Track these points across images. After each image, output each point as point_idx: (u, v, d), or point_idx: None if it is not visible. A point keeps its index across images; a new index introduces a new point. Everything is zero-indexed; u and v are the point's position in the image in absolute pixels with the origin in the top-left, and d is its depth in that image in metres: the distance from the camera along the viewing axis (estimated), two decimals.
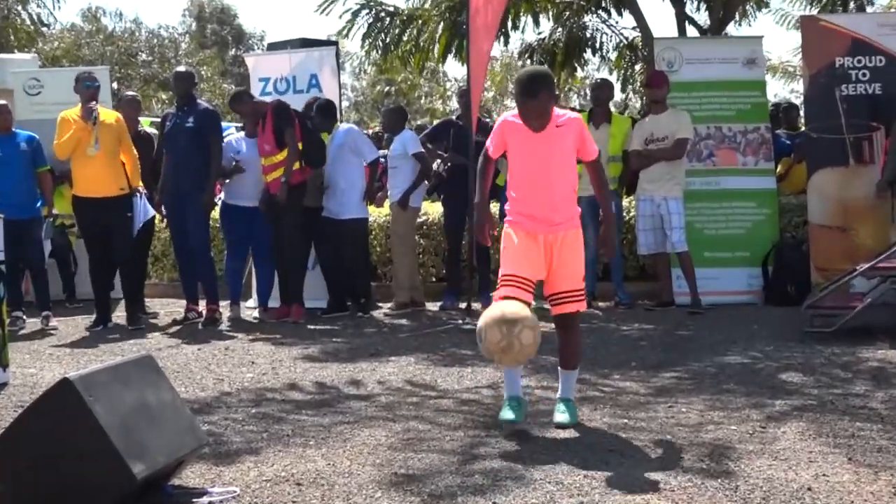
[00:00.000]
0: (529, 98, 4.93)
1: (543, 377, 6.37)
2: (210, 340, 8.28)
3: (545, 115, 4.96)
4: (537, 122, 4.95)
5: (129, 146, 9.08)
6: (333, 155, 9.68)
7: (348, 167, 9.66)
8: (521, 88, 5.00)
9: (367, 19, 13.43)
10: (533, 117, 4.95)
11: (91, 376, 3.85)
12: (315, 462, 4.47)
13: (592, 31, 14.68)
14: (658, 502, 3.81)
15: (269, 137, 9.16)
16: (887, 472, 4.09)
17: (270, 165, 9.18)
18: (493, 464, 4.38)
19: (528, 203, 5.09)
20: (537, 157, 5.05)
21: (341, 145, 9.70)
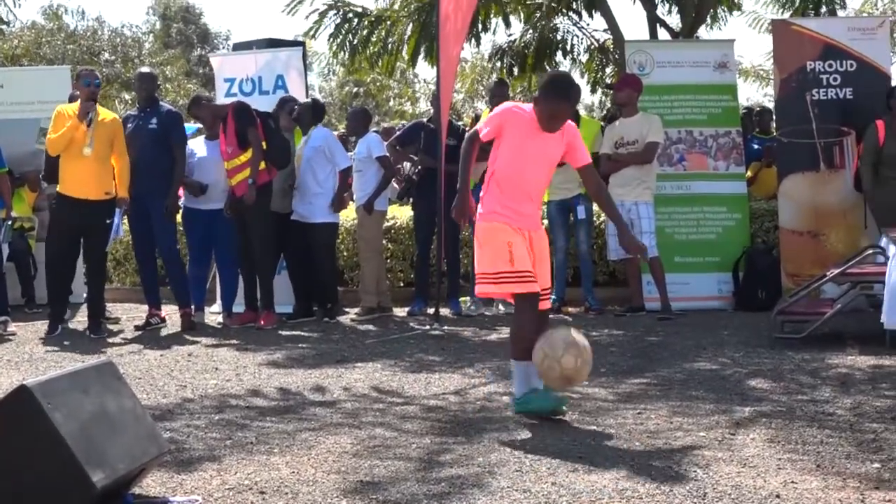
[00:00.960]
0: (565, 101, 5.20)
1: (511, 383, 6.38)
2: (173, 346, 8.26)
3: (567, 119, 5.28)
4: (558, 125, 5.20)
5: (123, 149, 8.96)
6: (308, 157, 9.67)
7: (321, 171, 9.64)
8: (558, 91, 5.21)
9: (335, 20, 13.46)
10: (559, 120, 5.19)
11: (50, 383, 3.82)
12: (279, 470, 4.47)
13: (563, 34, 14.78)
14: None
15: (232, 139, 9.13)
16: (855, 479, 4.14)
17: (234, 168, 9.15)
18: (459, 471, 4.39)
19: (518, 199, 5.27)
20: (535, 155, 5.25)
21: (317, 148, 9.67)
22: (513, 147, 5.24)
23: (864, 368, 6.66)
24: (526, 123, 5.22)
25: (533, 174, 5.31)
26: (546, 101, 5.19)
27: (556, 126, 5.20)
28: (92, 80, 8.95)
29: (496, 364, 7.09)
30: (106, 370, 4.20)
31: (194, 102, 9.77)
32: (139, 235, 9.43)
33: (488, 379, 6.61)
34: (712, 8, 13.89)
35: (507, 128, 5.25)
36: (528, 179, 5.30)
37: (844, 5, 15.41)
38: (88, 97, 8.75)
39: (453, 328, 8.93)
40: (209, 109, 9.49)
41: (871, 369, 6.61)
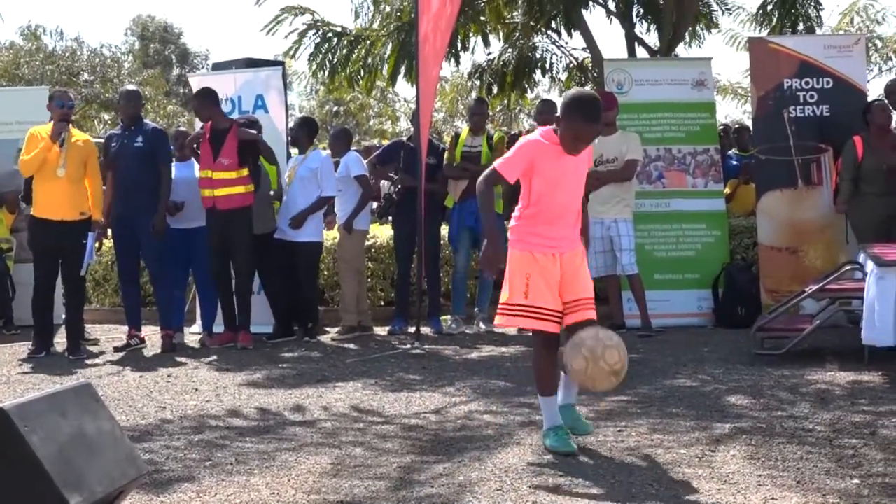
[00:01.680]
0: (593, 123, 4.94)
1: (492, 402, 6.40)
2: (152, 367, 8.21)
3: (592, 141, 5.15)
4: (583, 147, 4.98)
5: (96, 170, 8.96)
6: (301, 176, 9.67)
7: (313, 192, 9.63)
8: (586, 112, 4.90)
9: (314, 39, 13.47)
10: (585, 142, 4.96)
11: (27, 405, 3.79)
12: (258, 491, 4.45)
13: (542, 52, 14.84)
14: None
15: (232, 153, 9.10)
16: (835, 495, 4.16)
17: (223, 180, 9.11)
18: (439, 490, 4.38)
19: (550, 224, 5.05)
20: (567, 179, 5.04)
21: (313, 170, 9.68)
22: (547, 181, 5.00)
23: (844, 384, 6.69)
24: (552, 152, 4.97)
25: (567, 199, 5.09)
26: (572, 122, 4.90)
27: (582, 148, 4.97)
28: (65, 101, 8.95)
29: (477, 382, 7.10)
30: (84, 392, 4.17)
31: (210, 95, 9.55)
32: (124, 255, 9.35)
33: (469, 397, 6.61)
34: (690, 26, 13.97)
35: (539, 163, 4.99)
36: (563, 205, 5.07)
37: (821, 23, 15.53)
38: (61, 118, 8.75)
39: (434, 347, 8.92)
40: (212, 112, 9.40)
41: (850, 385, 6.64)
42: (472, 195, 9.70)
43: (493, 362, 8.06)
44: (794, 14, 13.90)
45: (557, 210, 5.04)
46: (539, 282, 4.97)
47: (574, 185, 5.10)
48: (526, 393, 6.65)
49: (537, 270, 4.99)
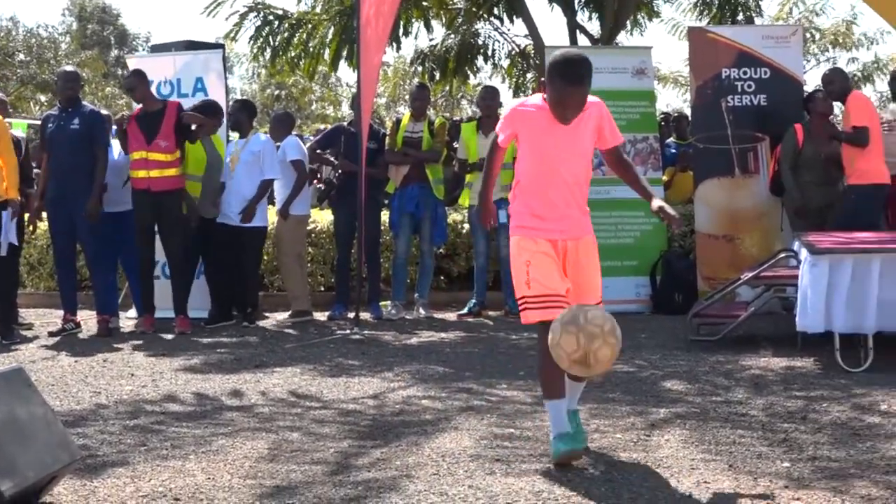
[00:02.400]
0: (574, 85, 4.34)
1: (431, 387, 6.41)
2: (88, 352, 8.10)
3: (584, 104, 4.43)
4: (573, 113, 4.41)
5: (9, 149, 8.78)
6: (245, 161, 9.58)
7: (257, 175, 9.57)
8: (564, 74, 4.34)
9: (255, 22, 13.37)
10: (572, 108, 4.39)
11: None
12: (194, 476, 4.42)
13: (484, 39, 14.85)
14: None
15: (170, 135, 9.02)
16: (766, 479, 4.22)
17: (161, 161, 9.02)
18: (376, 475, 4.38)
19: (546, 205, 4.52)
20: (559, 151, 4.49)
21: (256, 153, 9.60)
22: (532, 148, 4.52)
23: (777, 370, 6.79)
24: (538, 119, 4.47)
25: (563, 173, 4.51)
26: (552, 86, 4.38)
27: (570, 114, 4.40)
28: None
29: (416, 368, 7.10)
30: (15, 377, 4.12)
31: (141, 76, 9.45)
32: (59, 238, 9.21)
33: (407, 383, 6.61)
34: (631, 15, 14.07)
35: (521, 130, 4.54)
36: (558, 180, 4.50)
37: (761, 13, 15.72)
38: None
39: (373, 332, 8.91)
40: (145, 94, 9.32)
41: (783, 370, 6.74)
42: (413, 181, 9.73)
43: (432, 348, 8.07)
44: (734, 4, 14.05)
45: (546, 184, 4.52)
46: (540, 267, 4.49)
47: (568, 157, 4.51)
48: (465, 378, 6.68)
49: (537, 256, 4.51)
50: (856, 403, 5.65)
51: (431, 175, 9.78)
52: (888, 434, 4.97)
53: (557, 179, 4.52)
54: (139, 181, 9.05)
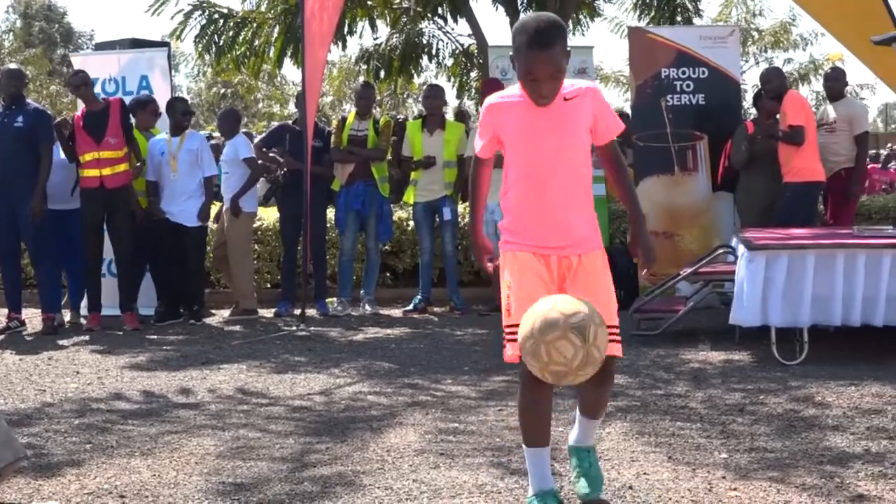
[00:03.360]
0: (539, 49, 3.45)
1: (376, 383, 6.40)
2: (33, 350, 8.00)
3: (559, 75, 3.52)
4: (548, 88, 3.51)
5: None
6: (183, 159, 9.47)
7: (196, 172, 9.51)
8: (530, 38, 3.47)
9: (200, 21, 13.23)
10: (543, 79, 3.48)
11: None
12: (140, 473, 4.38)
13: (429, 38, 14.81)
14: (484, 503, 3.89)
15: (117, 132, 8.99)
16: (704, 469, 4.27)
17: (112, 158, 8.99)
18: (323, 470, 4.38)
19: (538, 212, 3.62)
20: (543, 142, 3.60)
21: (192, 151, 9.52)
22: (514, 143, 3.66)
23: (716, 363, 6.87)
24: (518, 107, 3.62)
25: (557, 170, 3.60)
26: (518, 57, 3.53)
27: (546, 92, 3.51)
28: None
29: (362, 364, 7.10)
30: None
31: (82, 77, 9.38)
32: (3, 235, 9.06)
33: (354, 379, 6.60)
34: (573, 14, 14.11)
35: (501, 126, 3.68)
36: (550, 181, 3.60)
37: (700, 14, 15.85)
38: None
39: (319, 329, 8.88)
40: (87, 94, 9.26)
41: (721, 364, 6.82)
42: (358, 178, 9.72)
43: (378, 344, 8.06)
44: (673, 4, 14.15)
45: (539, 187, 3.61)
46: (522, 293, 3.57)
47: (558, 150, 3.61)
48: (410, 374, 6.69)
49: (518, 277, 3.62)
50: (792, 396, 5.73)
51: (377, 173, 9.77)
52: (823, 425, 5.04)
53: (551, 177, 3.61)
54: (91, 179, 8.98)
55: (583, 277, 3.62)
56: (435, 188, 9.72)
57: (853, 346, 7.01)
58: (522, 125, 3.63)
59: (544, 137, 3.60)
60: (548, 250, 3.62)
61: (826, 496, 3.91)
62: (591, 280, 3.63)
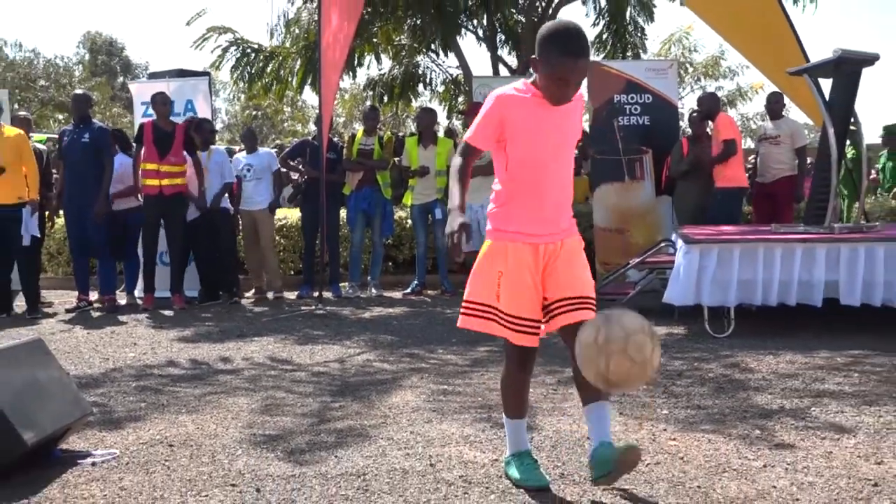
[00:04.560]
0: (580, 57, 3.09)
1: (382, 353, 6.38)
2: (98, 326, 7.97)
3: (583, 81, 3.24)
4: (574, 92, 3.19)
5: (32, 159, 8.66)
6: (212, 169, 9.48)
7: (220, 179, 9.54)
8: (569, 45, 3.09)
9: (235, 54, 13.27)
10: (574, 85, 3.15)
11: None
12: (186, 426, 4.36)
13: (424, 69, 14.85)
14: (469, 451, 3.87)
15: (180, 150, 9.00)
16: (649, 423, 4.27)
17: (171, 172, 8.97)
18: (337, 424, 4.36)
19: (534, 200, 3.27)
20: (550, 138, 3.25)
21: (220, 163, 9.60)
22: (522, 137, 3.23)
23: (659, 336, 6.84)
24: (529, 103, 3.22)
25: (554, 163, 3.27)
26: (552, 64, 3.11)
27: (570, 95, 3.18)
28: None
29: (368, 337, 7.08)
30: (36, 346, 4.05)
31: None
32: (74, 233, 9.08)
33: (362, 349, 6.58)
34: None
35: (510, 119, 3.23)
36: (549, 171, 3.25)
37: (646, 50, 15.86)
38: None
39: (334, 308, 8.86)
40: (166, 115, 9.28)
41: (663, 337, 6.79)
42: (366, 184, 9.71)
43: (382, 321, 8.04)
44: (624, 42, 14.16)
45: (541, 178, 3.25)
46: (514, 283, 3.27)
47: (560, 145, 3.29)
48: (408, 345, 6.68)
49: (511, 268, 3.28)
50: (722, 363, 5.73)
51: (381, 180, 9.77)
52: (748, 387, 5.05)
53: (550, 172, 3.27)
54: (151, 188, 8.96)
55: (565, 258, 3.32)
56: (428, 193, 9.71)
57: (771, 322, 7.01)
58: (530, 121, 3.23)
59: (549, 134, 3.25)
60: (537, 238, 3.27)
61: (750, 444, 3.91)
62: (572, 260, 3.34)
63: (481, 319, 3.37)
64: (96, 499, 3.36)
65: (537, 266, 3.30)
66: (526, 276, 3.28)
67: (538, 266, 3.30)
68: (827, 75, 7.71)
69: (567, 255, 3.33)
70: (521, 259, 3.28)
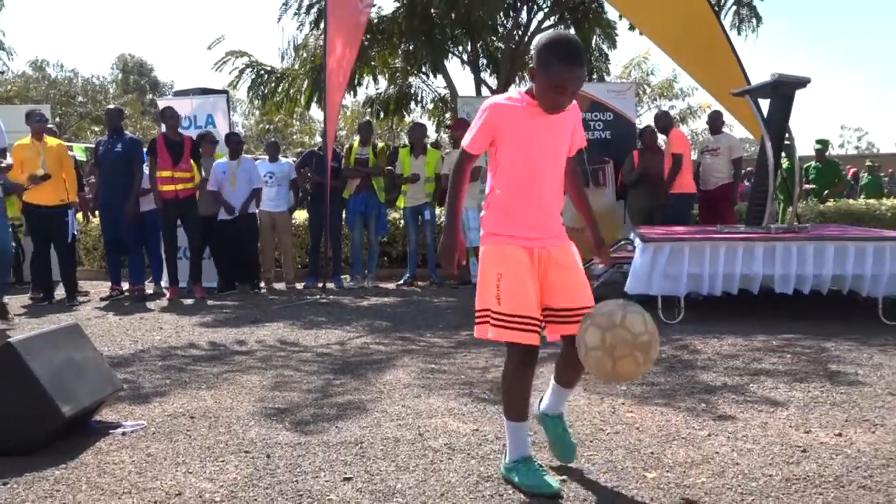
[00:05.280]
0: (577, 66, 2.80)
1: (377, 336, 6.37)
2: (129, 312, 7.92)
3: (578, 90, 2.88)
4: (569, 101, 2.89)
5: (70, 166, 8.65)
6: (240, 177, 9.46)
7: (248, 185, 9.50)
8: (566, 54, 2.79)
9: (251, 75, 13.20)
10: (571, 93, 2.84)
11: (29, 340, 3.64)
12: (205, 401, 4.35)
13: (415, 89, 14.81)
14: (453, 422, 3.86)
15: (188, 160, 8.92)
16: (609, 398, 4.27)
17: (183, 178, 8.88)
18: (339, 399, 4.35)
19: (525, 207, 2.96)
20: (543, 145, 2.95)
21: (248, 171, 9.55)
22: (515, 144, 2.92)
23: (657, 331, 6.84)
24: (523, 112, 2.91)
25: (545, 171, 2.96)
26: (550, 73, 2.79)
27: (566, 103, 2.88)
28: (41, 117, 8.66)
29: (367, 322, 7.06)
30: (73, 330, 4.03)
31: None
32: (108, 230, 9.03)
33: (360, 333, 6.56)
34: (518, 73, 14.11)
35: (503, 126, 2.92)
36: (540, 179, 2.95)
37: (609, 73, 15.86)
38: (38, 130, 8.47)
39: (336, 297, 8.83)
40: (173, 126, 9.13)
41: None
42: (363, 189, 9.70)
43: (377, 308, 8.03)
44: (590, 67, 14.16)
45: (532, 186, 2.95)
46: (513, 283, 2.90)
47: (552, 154, 2.98)
48: (400, 329, 6.66)
49: (510, 268, 2.92)
50: (673, 345, 5.74)
51: (376, 185, 9.75)
52: (695, 366, 5.06)
53: (542, 180, 2.97)
54: (168, 192, 8.87)
55: (562, 265, 2.99)
56: (419, 197, 9.70)
57: (716, 310, 7.03)
58: (524, 129, 2.91)
59: (541, 142, 2.94)
60: (531, 242, 2.95)
61: (696, 416, 3.92)
62: (571, 267, 3.01)
63: (482, 325, 2.98)
64: (125, 464, 3.35)
65: (534, 267, 2.96)
66: (524, 275, 2.92)
67: (535, 267, 2.96)
68: (765, 96, 7.73)
69: (564, 261, 3.01)
70: (518, 259, 2.93)
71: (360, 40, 10.65)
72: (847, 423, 3.76)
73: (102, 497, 2.99)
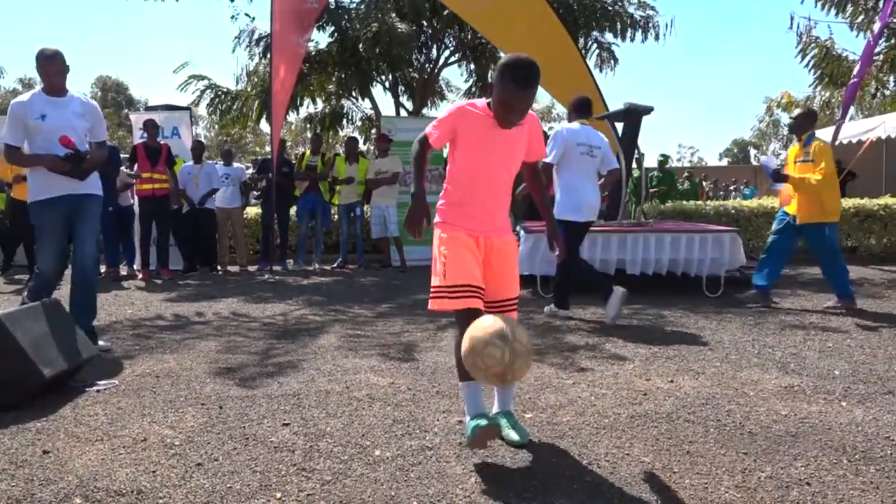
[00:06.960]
0: (525, 88, 2.58)
1: (315, 309, 6.27)
2: (104, 290, 7.55)
3: (527, 110, 2.69)
4: (518, 118, 2.68)
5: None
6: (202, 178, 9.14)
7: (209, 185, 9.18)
8: (517, 75, 2.58)
9: (209, 95, 12.77)
10: (518, 111, 2.64)
11: (13, 314, 3.44)
12: (169, 363, 4.20)
13: (347, 109, 14.59)
14: (374, 377, 3.84)
15: (164, 164, 8.53)
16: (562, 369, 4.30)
17: (160, 179, 8.51)
18: (280, 360, 4.27)
19: (474, 204, 2.77)
20: (495, 154, 2.75)
21: (209, 173, 9.23)
22: (470, 149, 2.75)
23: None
24: (482, 121, 2.72)
25: (493, 177, 2.77)
26: (501, 86, 2.61)
27: (514, 120, 2.67)
28: None
29: (305, 297, 6.94)
30: (54, 304, 3.83)
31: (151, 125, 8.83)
32: None
33: (300, 306, 6.44)
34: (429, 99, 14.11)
35: (462, 129, 2.75)
36: (489, 182, 2.76)
37: None
38: None
39: (282, 277, 8.65)
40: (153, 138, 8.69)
41: None
42: (311, 190, 9.55)
43: (316, 287, 7.90)
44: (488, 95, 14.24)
45: (481, 187, 2.76)
46: (455, 258, 2.70)
47: (502, 162, 2.77)
48: (333, 303, 6.56)
49: (454, 248, 2.72)
50: (548, 314, 5.84)
51: (322, 187, 9.61)
52: (563, 330, 5.17)
53: (491, 183, 2.77)
54: (146, 191, 8.51)
55: (501, 258, 2.79)
56: (351, 196, 9.56)
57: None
58: (481, 136, 2.73)
59: (496, 150, 2.74)
60: (477, 232, 2.75)
61: (564, 369, 4.00)
62: (508, 260, 2.82)
63: (433, 300, 2.74)
64: (99, 416, 3.20)
65: (479, 249, 2.76)
66: (466, 252, 2.71)
67: (479, 250, 2.76)
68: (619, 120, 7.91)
69: (503, 253, 2.80)
70: (462, 240, 2.73)
71: (299, 68, 10.44)
72: (677, 372, 3.91)
73: (78, 444, 2.85)
